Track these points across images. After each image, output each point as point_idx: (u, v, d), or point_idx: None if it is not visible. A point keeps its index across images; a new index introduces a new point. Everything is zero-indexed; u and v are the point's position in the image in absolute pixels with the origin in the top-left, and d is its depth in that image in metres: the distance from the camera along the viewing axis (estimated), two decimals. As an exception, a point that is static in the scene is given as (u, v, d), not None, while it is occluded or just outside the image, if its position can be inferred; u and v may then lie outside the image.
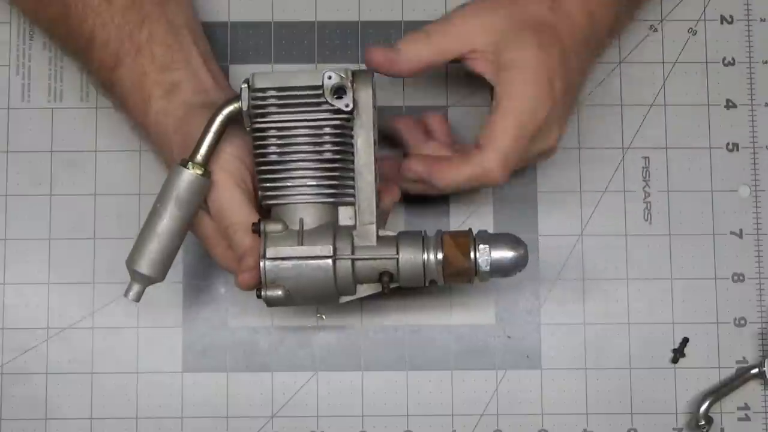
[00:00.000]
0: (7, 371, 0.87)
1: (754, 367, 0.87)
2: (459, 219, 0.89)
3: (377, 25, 0.91)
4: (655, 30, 0.92)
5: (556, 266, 0.88)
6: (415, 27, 0.87)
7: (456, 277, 0.76)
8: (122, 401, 0.87)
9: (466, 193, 0.89)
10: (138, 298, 0.77)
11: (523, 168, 0.86)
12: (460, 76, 0.90)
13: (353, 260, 0.74)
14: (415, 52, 0.78)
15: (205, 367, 0.87)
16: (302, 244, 0.74)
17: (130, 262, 0.76)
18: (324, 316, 0.88)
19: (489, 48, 0.78)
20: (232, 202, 0.77)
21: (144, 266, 0.76)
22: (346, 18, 0.91)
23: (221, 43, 0.89)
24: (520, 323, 0.88)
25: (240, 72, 0.89)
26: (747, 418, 0.88)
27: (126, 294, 0.77)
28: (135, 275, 0.76)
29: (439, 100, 0.90)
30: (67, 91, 0.90)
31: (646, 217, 0.90)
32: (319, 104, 0.75)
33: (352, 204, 0.76)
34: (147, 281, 0.76)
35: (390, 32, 0.91)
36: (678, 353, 0.88)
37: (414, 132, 0.83)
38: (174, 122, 0.79)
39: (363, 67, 0.90)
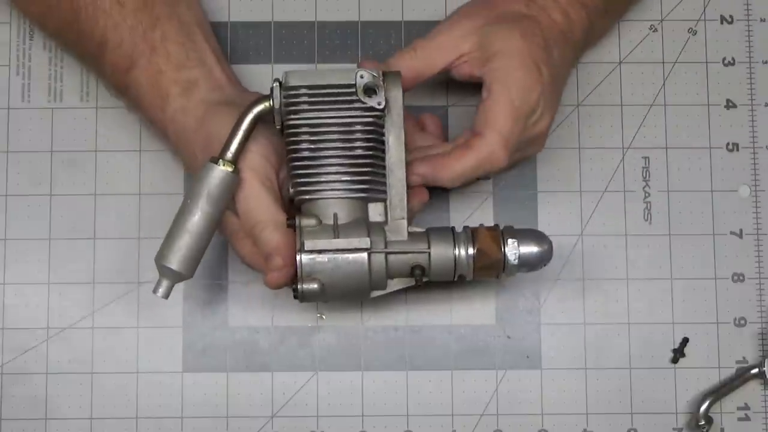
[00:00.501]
0: (7, 371, 0.87)
1: (754, 367, 0.87)
2: (459, 219, 0.89)
3: (377, 25, 0.91)
4: (655, 30, 0.92)
5: (556, 266, 0.88)
6: (414, 27, 0.87)
7: (486, 270, 0.77)
8: (122, 401, 0.87)
9: (466, 193, 0.89)
10: (167, 295, 0.76)
11: (516, 162, 0.86)
12: (460, 76, 0.90)
13: (387, 254, 0.75)
14: (405, 67, 0.80)
15: (205, 367, 0.87)
16: (338, 238, 0.75)
17: (160, 258, 0.76)
18: (324, 316, 0.88)
19: (474, 48, 0.80)
20: (259, 201, 0.77)
21: (174, 262, 0.75)
22: (346, 18, 0.91)
23: (221, 43, 0.89)
24: (520, 323, 0.88)
25: (240, 72, 0.88)
26: (747, 418, 0.88)
27: (155, 291, 0.76)
28: (164, 271, 0.76)
29: (439, 100, 0.90)
30: (67, 91, 0.90)
31: (646, 217, 0.90)
32: (351, 102, 0.76)
33: (382, 200, 0.77)
34: (177, 277, 0.76)
35: (390, 32, 0.91)
36: (678, 353, 0.88)
37: (407, 125, 0.84)
38: (194, 121, 0.79)
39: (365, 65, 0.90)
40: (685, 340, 0.88)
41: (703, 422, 0.86)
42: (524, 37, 0.79)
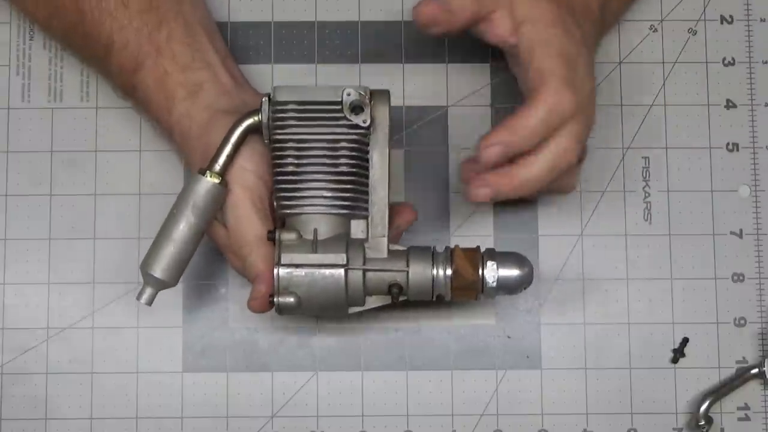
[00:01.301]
0: (7, 371, 0.87)
1: (754, 367, 0.87)
2: (459, 220, 0.89)
3: (377, 25, 0.91)
4: (655, 30, 0.92)
5: (556, 266, 0.88)
6: (414, 27, 0.87)
7: (463, 291, 0.77)
8: (122, 401, 0.87)
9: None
10: (150, 302, 0.77)
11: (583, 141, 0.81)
12: (461, 76, 0.90)
13: (364, 271, 0.76)
14: (461, 4, 0.78)
15: (205, 367, 0.87)
16: (316, 253, 0.75)
17: (145, 265, 0.77)
18: (324, 316, 0.88)
19: (505, 5, 0.79)
20: (249, 223, 0.77)
21: (158, 270, 0.76)
22: (346, 18, 0.91)
23: (221, 43, 0.90)
24: (520, 323, 0.88)
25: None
26: (747, 418, 0.88)
27: (138, 298, 0.77)
28: (149, 279, 0.77)
29: (439, 100, 0.90)
30: (67, 91, 0.90)
31: (646, 217, 0.90)
32: (337, 119, 0.76)
33: (365, 218, 0.77)
34: (160, 285, 0.77)
35: (390, 32, 0.91)
36: (678, 353, 0.88)
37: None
38: (198, 128, 0.79)
39: (362, 66, 0.90)
40: (685, 340, 0.88)
41: (703, 422, 0.86)
42: (551, 2, 0.79)
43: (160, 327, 0.88)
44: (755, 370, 0.87)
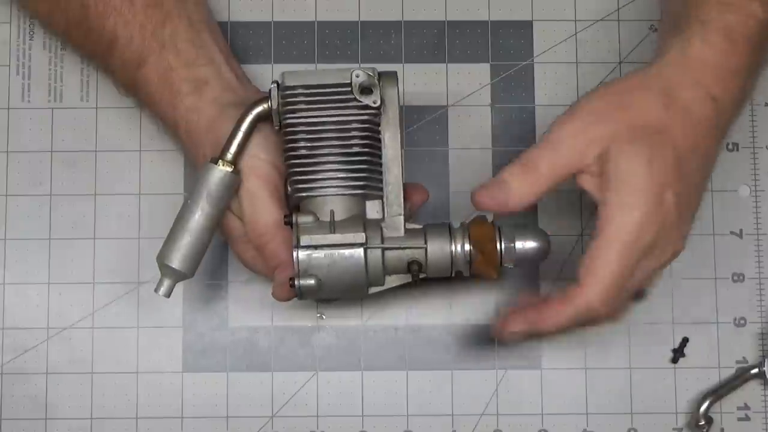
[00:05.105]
0: (7, 371, 0.87)
1: (754, 367, 0.87)
2: (459, 219, 0.88)
3: (377, 25, 0.91)
4: (655, 30, 0.92)
5: (556, 266, 0.88)
6: (414, 27, 0.87)
7: (483, 265, 0.77)
8: (122, 401, 0.87)
9: (466, 193, 0.89)
10: (169, 294, 0.77)
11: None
12: (461, 76, 0.90)
13: (383, 249, 0.76)
14: (528, 188, 0.74)
15: (205, 367, 0.87)
16: (334, 233, 0.75)
17: (161, 257, 0.77)
18: (324, 316, 0.88)
19: (595, 161, 0.73)
20: (267, 212, 0.77)
21: (175, 261, 0.76)
22: (346, 18, 0.91)
23: (221, 43, 0.90)
24: (520, 323, 0.88)
25: (240, 72, 0.89)
26: (747, 418, 0.88)
27: (157, 290, 0.77)
28: (166, 270, 0.77)
29: (439, 100, 0.90)
30: (67, 91, 0.90)
31: (646, 217, 0.89)
32: (347, 101, 0.76)
33: (380, 198, 0.77)
34: (178, 276, 0.77)
35: (390, 32, 0.91)
36: (678, 353, 0.88)
37: None
38: (206, 122, 0.79)
39: (361, 66, 0.91)
40: (685, 340, 0.88)
41: (703, 422, 0.86)
42: (651, 159, 0.71)
43: (160, 327, 0.88)
44: (755, 370, 0.87)
